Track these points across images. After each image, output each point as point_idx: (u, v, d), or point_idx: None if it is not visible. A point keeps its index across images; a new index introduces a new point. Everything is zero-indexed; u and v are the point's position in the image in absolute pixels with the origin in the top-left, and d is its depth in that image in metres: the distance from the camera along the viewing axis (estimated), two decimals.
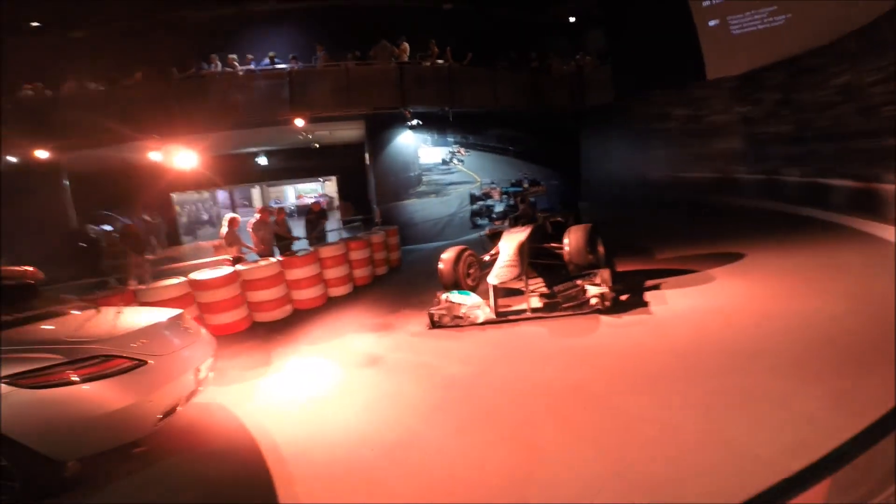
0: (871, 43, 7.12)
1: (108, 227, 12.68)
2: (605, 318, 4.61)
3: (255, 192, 25.95)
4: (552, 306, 5.00)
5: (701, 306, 4.59)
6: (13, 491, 2.66)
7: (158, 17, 13.10)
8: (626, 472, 2.37)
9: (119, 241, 10.51)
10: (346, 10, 13.55)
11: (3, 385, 2.59)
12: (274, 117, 11.15)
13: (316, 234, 9.11)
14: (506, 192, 12.32)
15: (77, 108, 10.56)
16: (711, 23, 9.84)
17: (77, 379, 2.71)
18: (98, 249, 10.77)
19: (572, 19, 15.01)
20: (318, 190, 28.60)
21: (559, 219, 6.79)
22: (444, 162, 12.64)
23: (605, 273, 4.94)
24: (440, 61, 12.19)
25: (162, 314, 3.58)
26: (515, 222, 6.72)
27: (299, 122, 11.03)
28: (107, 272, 7.83)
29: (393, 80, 11.59)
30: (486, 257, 6.09)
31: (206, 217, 17.84)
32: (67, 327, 3.36)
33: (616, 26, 12.67)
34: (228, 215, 8.14)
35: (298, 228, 9.78)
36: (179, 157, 12.85)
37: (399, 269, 9.56)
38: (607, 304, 4.71)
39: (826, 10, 7.85)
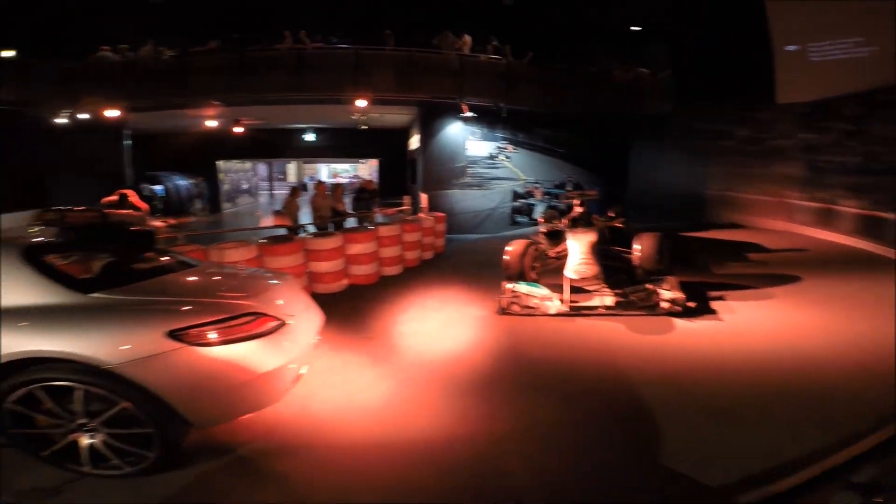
0: None
1: (159, 188, 13.16)
2: (678, 321, 4.87)
3: (291, 168, 26.37)
4: (625, 305, 5.19)
5: (768, 318, 4.95)
6: (143, 461, 2.50)
7: None
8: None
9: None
10: None
11: (165, 340, 2.39)
12: (337, 96, 11.36)
13: (370, 213, 9.35)
14: (548, 193, 12.45)
15: (149, 71, 10.93)
16: (790, 47, 9.76)
17: (235, 337, 2.53)
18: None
19: (636, 28, 15.00)
20: (350, 171, 28.95)
21: (618, 224, 6.92)
22: (491, 156, 12.75)
23: (673, 280, 5.22)
24: (496, 57, 12.33)
25: (278, 275, 3.52)
26: (574, 224, 6.85)
27: (362, 103, 11.22)
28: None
29: (452, 71, 11.76)
30: (552, 254, 6.30)
31: (245, 186, 18.24)
32: (208, 281, 3.26)
33: (681, 38, 12.62)
34: (292, 185, 8.40)
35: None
36: (231, 125, 13.24)
37: (443, 256, 9.75)
38: (679, 308, 4.96)
39: None
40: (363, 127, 15.20)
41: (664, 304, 4.99)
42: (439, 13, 12.90)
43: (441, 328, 5.13)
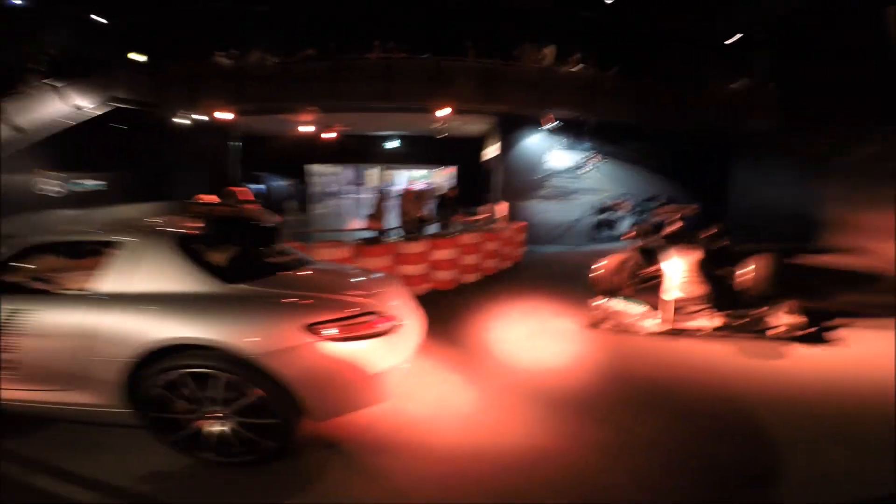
0: None
1: (261, 187, 14.24)
2: (794, 347, 4.54)
3: (373, 173, 27.54)
4: (733, 328, 4.87)
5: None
6: (262, 451, 2.56)
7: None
8: None
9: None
10: (493, 10, 13.86)
11: (303, 334, 2.46)
12: (419, 104, 11.68)
13: (449, 220, 9.46)
14: (636, 207, 11.89)
15: (255, 77, 11.86)
16: None
17: (362, 334, 2.59)
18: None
19: (733, 39, 14.06)
20: (426, 178, 29.58)
21: (724, 243, 6.47)
22: (574, 168, 12.45)
23: (793, 303, 4.83)
24: (578, 67, 12.07)
25: (388, 277, 3.60)
26: (673, 240, 6.52)
27: (443, 112, 11.46)
28: None
29: (535, 83, 11.67)
30: (649, 271, 6.02)
31: (332, 190, 19.19)
32: (330, 278, 3.32)
33: (788, 51, 11.63)
34: (379, 191, 8.73)
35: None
36: (322, 131, 14.04)
37: (521, 266, 9.63)
38: (797, 333, 4.60)
39: None
40: (442, 136, 15.47)
41: (780, 329, 4.66)
42: (521, 25, 12.84)
43: (528, 339, 5.04)
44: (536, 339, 5.01)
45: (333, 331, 2.51)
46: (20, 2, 12.21)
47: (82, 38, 13.57)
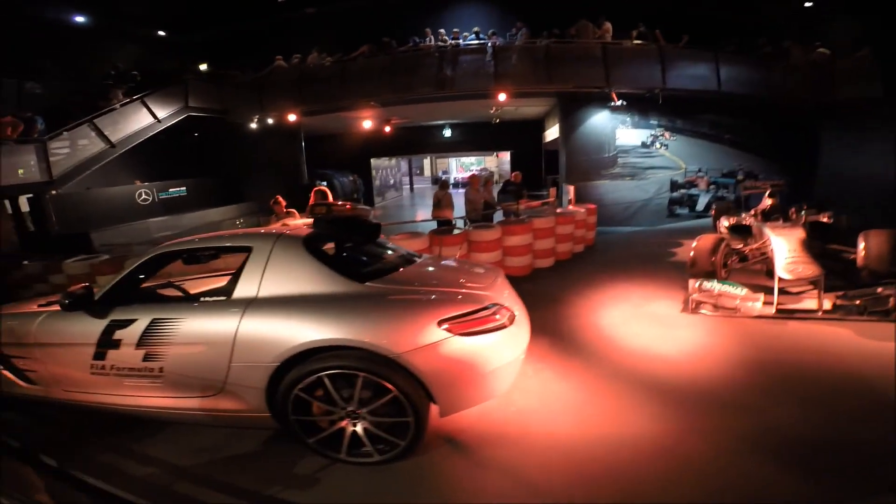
0: None
1: (324, 183, 14.72)
2: None
3: (426, 163, 27.79)
4: (849, 309, 4.44)
5: None
6: (394, 449, 2.55)
7: None
8: None
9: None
10: None
11: (438, 330, 2.44)
12: (478, 91, 11.54)
13: (517, 205, 9.28)
14: (714, 183, 11.17)
15: (316, 78, 12.15)
16: None
17: (488, 328, 2.56)
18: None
19: (808, 3, 12.78)
20: (476, 164, 29.44)
21: (824, 220, 5.95)
22: (645, 145, 11.85)
23: None
24: (639, 42, 11.40)
25: (494, 269, 3.48)
26: (768, 217, 6.09)
27: (502, 97, 11.24)
28: None
29: (595, 59, 11.14)
30: (747, 251, 5.66)
31: (391, 182, 19.54)
32: (445, 272, 3.26)
33: (882, 15, 10.36)
34: (443, 180, 8.72)
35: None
36: (382, 125, 14.25)
37: (594, 249, 9.34)
38: None
39: None
40: (496, 121, 15.24)
41: None
42: (574, 1, 12.24)
43: (625, 324, 4.83)
44: (634, 325, 4.78)
45: (465, 326, 2.49)
46: (91, 22, 13.15)
47: (154, 54, 14.50)
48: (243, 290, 2.70)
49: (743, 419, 2.95)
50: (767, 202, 6.58)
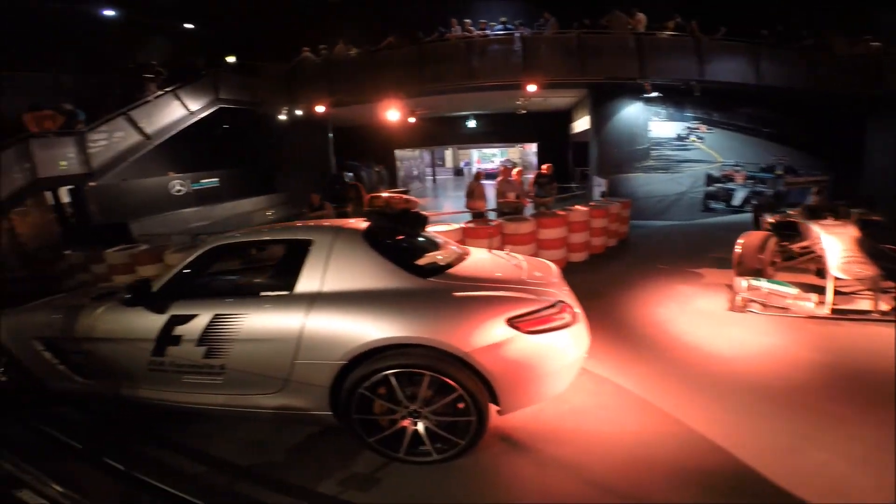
0: None
1: (349, 175, 14.78)
2: None
3: (448, 154, 27.66)
4: None
5: None
6: (453, 448, 2.49)
7: None
8: None
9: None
10: None
11: (506, 328, 2.37)
12: (507, 81, 11.38)
13: (548, 198, 9.16)
14: (752, 177, 10.84)
15: (343, 69, 12.13)
16: None
17: (555, 326, 2.48)
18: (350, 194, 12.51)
19: None
20: (498, 155, 29.17)
21: (875, 218, 5.71)
22: (680, 138, 11.56)
23: None
24: (674, 33, 11.07)
25: (547, 264, 3.39)
26: (814, 214, 5.88)
27: (531, 88, 11.07)
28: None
29: (629, 50, 10.90)
30: (796, 248, 5.48)
31: (415, 173, 19.51)
32: (503, 268, 3.10)
33: None
34: (475, 170, 8.61)
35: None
36: (407, 116, 14.17)
37: (628, 243, 9.18)
38: None
39: None
40: (522, 111, 15.04)
41: None
42: None
43: (672, 322, 4.71)
44: (682, 323, 4.67)
45: (533, 324, 2.42)
46: (121, 17, 13.35)
47: (186, 47, 14.65)
48: (306, 284, 2.61)
49: (823, 425, 2.83)
50: (817, 198, 6.37)
